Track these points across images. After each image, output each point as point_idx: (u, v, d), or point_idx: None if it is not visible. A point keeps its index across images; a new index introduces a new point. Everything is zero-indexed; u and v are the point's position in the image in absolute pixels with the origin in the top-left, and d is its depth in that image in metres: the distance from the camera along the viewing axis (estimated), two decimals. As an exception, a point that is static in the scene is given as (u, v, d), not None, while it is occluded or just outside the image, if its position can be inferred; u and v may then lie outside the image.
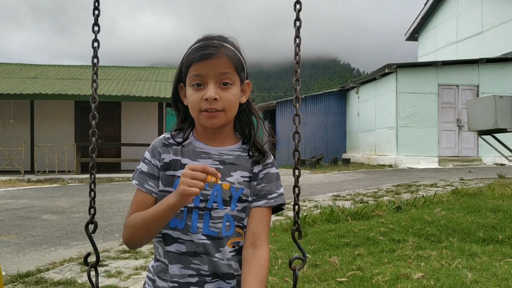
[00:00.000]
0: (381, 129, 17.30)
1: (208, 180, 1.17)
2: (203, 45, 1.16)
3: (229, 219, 1.18)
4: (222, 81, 1.15)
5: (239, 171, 1.21)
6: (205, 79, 1.15)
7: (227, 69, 1.15)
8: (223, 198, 1.18)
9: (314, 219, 5.36)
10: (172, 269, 1.16)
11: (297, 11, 1.38)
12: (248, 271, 1.13)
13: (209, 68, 1.14)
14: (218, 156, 1.21)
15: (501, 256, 3.67)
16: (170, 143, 1.23)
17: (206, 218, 1.17)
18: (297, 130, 1.34)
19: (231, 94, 1.17)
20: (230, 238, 1.18)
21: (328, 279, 3.27)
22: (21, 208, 7.84)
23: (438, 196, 6.82)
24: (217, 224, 1.17)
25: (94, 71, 1.37)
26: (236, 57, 1.18)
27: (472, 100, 9.48)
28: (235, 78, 1.17)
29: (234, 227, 1.19)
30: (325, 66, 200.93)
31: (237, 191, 1.20)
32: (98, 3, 1.40)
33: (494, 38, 18.19)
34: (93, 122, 1.33)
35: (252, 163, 1.23)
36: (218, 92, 1.15)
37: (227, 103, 1.16)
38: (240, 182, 1.20)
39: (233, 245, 1.19)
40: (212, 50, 1.14)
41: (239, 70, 1.19)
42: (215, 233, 1.16)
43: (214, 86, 1.14)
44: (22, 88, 14.91)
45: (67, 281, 3.57)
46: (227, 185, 1.19)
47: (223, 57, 1.15)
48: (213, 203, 1.17)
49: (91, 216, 1.29)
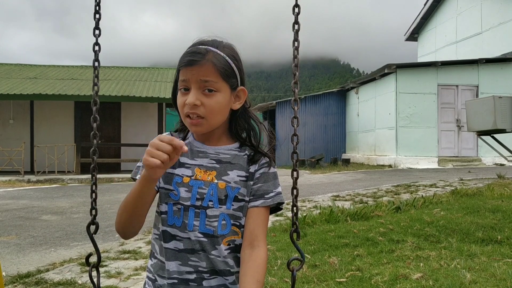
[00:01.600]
0: (380, 129, 17.32)
1: (204, 179, 1.18)
2: (190, 51, 1.18)
3: (225, 217, 1.19)
4: (205, 87, 1.16)
5: (236, 170, 1.22)
6: (190, 84, 1.17)
7: (209, 76, 1.15)
8: (218, 197, 1.19)
9: (313, 220, 5.37)
10: (170, 265, 1.17)
11: (296, 14, 1.38)
12: (245, 271, 1.14)
13: (192, 74, 1.16)
14: (214, 155, 1.23)
15: (499, 257, 3.68)
16: None
17: (202, 216, 1.18)
18: (296, 133, 1.35)
19: (214, 101, 1.17)
20: (226, 236, 1.19)
21: (327, 279, 3.28)
22: (21, 208, 7.85)
23: (437, 197, 6.84)
24: (212, 223, 1.18)
25: (95, 74, 1.38)
26: (223, 63, 1.18)
27: (471, 100, 9.48)
28: (219, 85, 1.17)
29: (230, 226, 1.20)
30: (325, 66, 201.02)
31: (233, 190, 1.21)
32: (99, 7, 1.41)
33: (493, 38, 18.20)
34: (94, 124, 1.34)
35: (249, 162, 1.25)
36: (200, 98, 1.16)
37: (209, 110, 1.16)
38: (236, 181, 1.21)
39: (228, 243, 1.20)
40: (197, 56, 1.15)
41: (226, 77, 1.18)
42: (211, 231, 1.17)
43: (196, 92, 1.16)
44: (22, 88, 14.91)
45: (67, 281, 3.58)
46: (223, 184, 1.20)
47: (207, 64, 1.15)
48: (208, 201, 1.18)
49: (92, 217, 1.31)
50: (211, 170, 1.21)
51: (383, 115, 16.94)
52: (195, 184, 1.19)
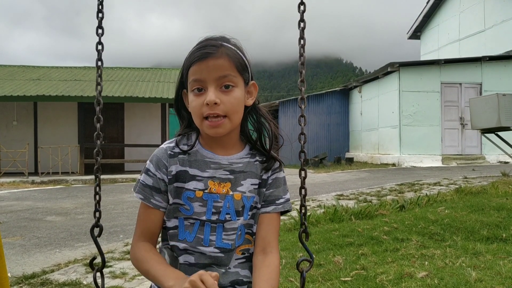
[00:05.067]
0: (384, 128, 17.28)
1: (219, 192, 1.12)
2: (201, 45, 1.11)
3: (241, 228, 1.17)
4: (223, 83, 1.09)
5: (249, 179, 1.18)
6: (205, 83, 1.09)
7: (227, 70, 1.09)
8: (235, 209, 1.15)
9: (317, 219, 5.37)
10: None
11: (301, 12, 1.36)
12: (259, 277, 1.11)
13: (209, 70, 1.08)
14: (228, 166, 1.16)
15: (505, 255, 3.67)
16: (176, 152, 1.16)
17: (219, 231, 1.13)
18: (303, 131, 1.34)
19: (234, 97, 1.10)
20: (240, 246, 1.17)
21: (332, 278, 3.28)
22: (26, 209, 7.87)
23: (441, 195, 6.81)
24: (230, 236, 1.14)
25: (99, 73, 1.37)
26: (238, 56, 1.12)
27: (475, 98, 9.45)
28: (237, 79, 1.11)
29: (244, 235, 1.18)
30: (327, 65, 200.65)
31: (249, 199, 1.17)
32: (102, 6, 1.40)
33: (496, 35, 18.12)
34: (98, 125, 1.33)
35: (262, 169, 1.21)
36: (219, 95, 1.08)
37: (230, 107, 1.09)
38: (250, 190, 1.18)
39: (242, 252, 1.18)
40: (211, 49, 1.09)
41: (242, 71, 1.12)
42: (229, 245, 1.14)
43: (214, 90, 1.08)
44: (25, 90, 14.96)
45: (72, 282, 3.59)
46: (238, 195, 1.16)
47: (223, 57, 1.09)
48: (225, 215, 1.14)
49: (96, 219, 1.30)
50: (225, 182, 1.15)
51: (386, 113, 16.90)
52: (210, 198, 1.13)
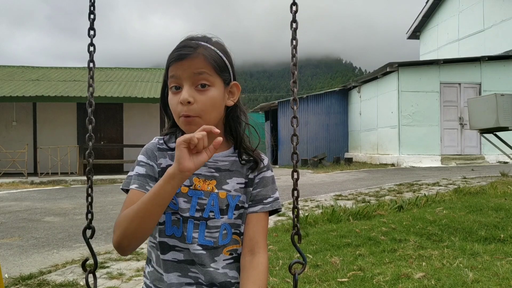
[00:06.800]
0: (383, 128, 17.28)
1: (203, 189, 1.13)
2: (179, 46, 1.12)
3: (226, 227, 1.15)
4: (198, 82, 1.09)
5: (235, 178, 1.18)
6: (181, 81, 1.09)
7: (202, 68, 1.09)
8: (220, 207, 1.15)
9: (315, 219, 5.36)
10: (169, 277, 1.13)
11: (294, 12, 1.35)
12: (247, 278, 1.11)
13: (184, 68, 1.08)
14: (213, 163, 1.17)
15: (502, 255, 3.66)
16: (164, 148, 1.18)
17: (202, 228, 1.13)
18: (295, 133, 1.33)
19: (208, 97, 1.09)
20: (227, 246, 1.16)
21: (329, 279, 3.27)
22: (24, 210, 7.87)
23: (440, 195, 6.80)
24: (213, 234, 1.14)
25: (90, 75, 1.37)
26: (215, 57, 1.12)
27: (473, 98, 9.44)
28: (213, 78, 1.10)
29: (231, 235, 1.16)
30: (327, 65, 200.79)
31: (234, 198, 1.17)
32: (93, 7, 1.40)
33: (496, 35, 18.12)
34: (90, 126, 1.33)
35: (248, 169, 1.20)
36: (194, 94, 1.08)
37: (203, 107, 1.09)
38: (236, 189, 1.17)
39: (230, 253, 1.16)
40: (188, 50, 1.09)
41: (219, 71, 1.12)
42: (211, 242, 1.13)
43: (189, 88, 1.08)
44: (25, 90, 14.97)
45: (69, 283, 3.58)
46: (223, 194, 1.15)
47: (199, 57, 1.09)
48: (209, 212, 1.14)
49: (88, 221, 1.29)
50: (210, 180, 1.16)
51: (386, 113, 16.90)
52: (194, 195, 1.14)
